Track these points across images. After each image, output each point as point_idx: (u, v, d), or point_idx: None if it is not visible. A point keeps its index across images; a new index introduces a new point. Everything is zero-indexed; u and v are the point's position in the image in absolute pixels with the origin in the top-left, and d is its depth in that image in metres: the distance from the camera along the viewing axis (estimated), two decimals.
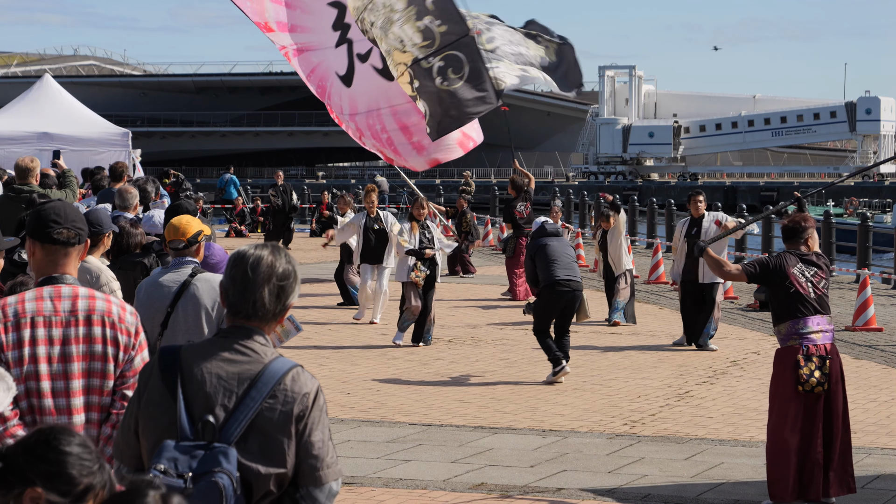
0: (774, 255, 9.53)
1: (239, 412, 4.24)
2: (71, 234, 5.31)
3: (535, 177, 24.26)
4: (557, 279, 14.31)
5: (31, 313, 5.14)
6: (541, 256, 14.44)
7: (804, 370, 9.21)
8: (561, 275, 14.33)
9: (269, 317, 4.39)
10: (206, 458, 4.12)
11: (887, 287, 25.16)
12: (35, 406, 5.10)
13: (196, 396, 4.27)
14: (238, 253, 4.44)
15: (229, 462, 4.12)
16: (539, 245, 14.56)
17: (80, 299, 5.20)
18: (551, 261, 14.37)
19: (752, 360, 15.97)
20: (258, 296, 4.35)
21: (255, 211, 42.56)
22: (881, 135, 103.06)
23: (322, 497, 4.31)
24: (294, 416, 4.26)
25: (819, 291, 9.40)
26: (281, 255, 4.43)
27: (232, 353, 4.33)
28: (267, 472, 4.24)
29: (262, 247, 4.44)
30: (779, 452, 9.23)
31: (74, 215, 5.37)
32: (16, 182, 14.27)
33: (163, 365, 4.35)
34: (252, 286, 4.36)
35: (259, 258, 4.39)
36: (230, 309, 4.39)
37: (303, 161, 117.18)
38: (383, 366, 15.30)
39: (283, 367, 4.31)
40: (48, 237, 5.28)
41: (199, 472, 4.10)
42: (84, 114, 25.29)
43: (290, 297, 4.43)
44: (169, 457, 4.13)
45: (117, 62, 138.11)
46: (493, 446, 11.08)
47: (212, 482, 4.07)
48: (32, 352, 5.11)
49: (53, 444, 3.35)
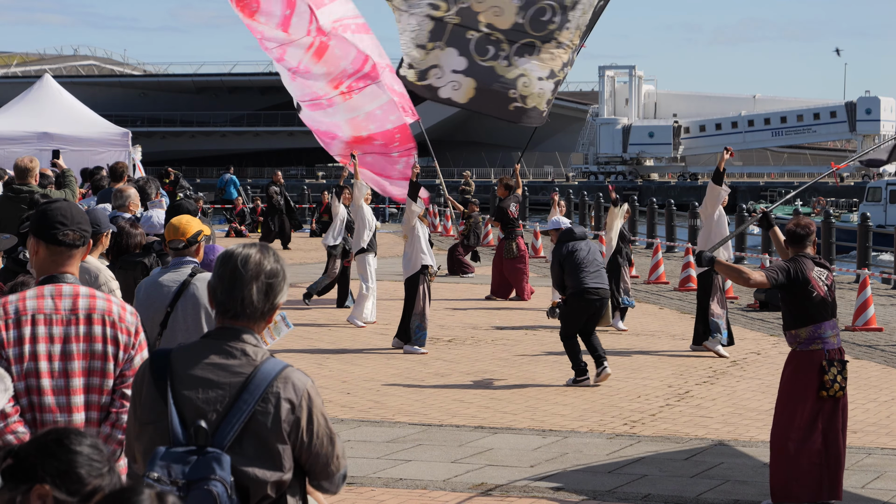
0: (791, 260, 9.43)
1: (231, 416, 4.21)
2: (76, 235, 5.33)
3: (534, 177, 24.33)
4: (587, 287, 14.07)
5: (32, 311, 5.16)
6: (569, 263, 14.14)
7: (828, 375, 9.23)
8: (590, 283, 14.09)
9: (258, 315, 4.37)
10: (199, 464, 4.09)
11: (887, 287, 25.17)
12: (35, 403, 5.12)
13: (188, 401, 4.25)
14: (226, 252, 4.44)
15: (223, 468, 4.10)
16: (568, 251, 14.22)
17: (80, 298, 5.21)
18: (581, 268, 14.09)
19: (752, 360, 15.97)
20: (246, 293, 4.34)
21: (255, 211, 42.57)
22: (881, 135, 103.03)
23: (334, 487, 4.41)
24: (289, 419, 4.24)
25: (832, 294, 9.41)
26: (269, 254, 4.43)
27: (223, 355, 4.31)
28: (263, 476, 4.22)
29: (250, 246, 4.44)
30: (786, 454, 9.20)
31: (80, 217, 5.39)
32: (15, 182, 14.27)
33: (154, 369, 4.33)
34: (240, 284, 4.35)
35: (247, 256, 4.39)
36: (218, 308, 4.37)
37: (303, 161, 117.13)
38: (383, 366, 15.29)
39: (275, 368, 4.29)
40: (53, 238, 5.30)
41: (192, 478, 4.07)
42: (84, 114, 25.27)
43: (279, 295, 4.42)
44: (162, 464, 4.10)
45: (117, 62, 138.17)
46: (493, 446, 11.08)
47: (206, 490, 4.05)
48: (33, 349, 5.12)
49: (65, 443, 3.37)
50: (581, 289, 14.06)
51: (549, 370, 15.08)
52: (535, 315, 20.21)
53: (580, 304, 14.10)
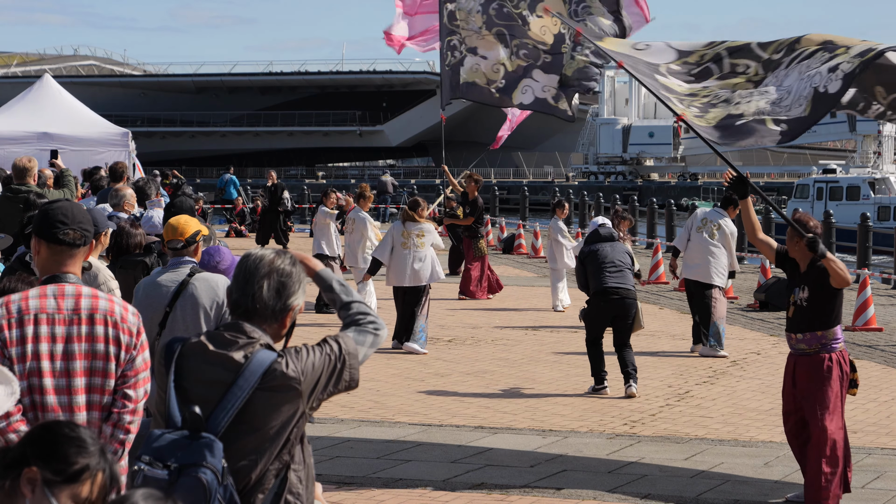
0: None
1: (226, 401, 4.31)
2: (77, 235, 5.34)
3: (534, 177, 24.34)
4: (606, 286, 13.64)
5: (35, 310, 5.18)
6: (591, 262, 13.81)
7: (855, 375, 9.40)
8: (610, 282, 13.65)
9: (269, 313, 4.46)
10: (191, 450, 4.18)
11: (887, 287, 25.16)
12: (37, 403, 5.13)
13: (186, 387, 4.37)
14: (245, 254, 4.60)
15: (214, 455, 4.18)
16: (591, 250, 13.92)
17: (83, 298, 5.23)
18: (601, 267, 13.71)
19: (753, 360, 15.96)
20: (257, 288, 4.46)
21: (255, 211, 42.57)
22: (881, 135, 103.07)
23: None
24: (283, 405, 4.36)
25: None
26: (285, 257, 4.57)
27: (224, 345, 4.41)
28: (257, 458, 4.33)
29: (268, 249, 4.60)
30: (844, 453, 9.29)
31: (82, 216, 5.40)
32: (13, 182, 14.26)
33: (164, 354, 4.49)
34: (252, 280, 4.48)
35: (262, 256, 4.54)
36: (232, 307, 4.51)
37: (303, 161, 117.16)
38: (383, 366, 15.28)
39: (268, 356, 4.39)
40: (54, 237, 5.32)
41: (184, 462, 4.16)
42: (84, 114, 25.26)
43: (292, 297, 4.51)
44: (155, 446, 4.21)
45: (117, 62, 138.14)
46: (493, 446, 11.07)
47: (195, 477, 4.13)
48: (35, 348, 5.14)
49: (51, 427, 3.44)
50: (601, 289, 13.65)
51: (549, 370, 15.08)
52: (536, 315, 20.22)
53: (600, 305, 13.66)
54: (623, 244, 14.52)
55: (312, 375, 4.42)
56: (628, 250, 14.23)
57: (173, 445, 4.18)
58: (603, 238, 14.03)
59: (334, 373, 4.48)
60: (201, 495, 4.10)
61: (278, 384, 4.35)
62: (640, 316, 13.85)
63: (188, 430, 4.22)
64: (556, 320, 19.68)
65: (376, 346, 4.70)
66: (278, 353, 4.41)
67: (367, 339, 4.63)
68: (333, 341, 4.51)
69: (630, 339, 13.78)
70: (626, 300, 13.66)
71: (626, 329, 13.71)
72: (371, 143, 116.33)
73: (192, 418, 4.21)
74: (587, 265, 13.84)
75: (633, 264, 14.09)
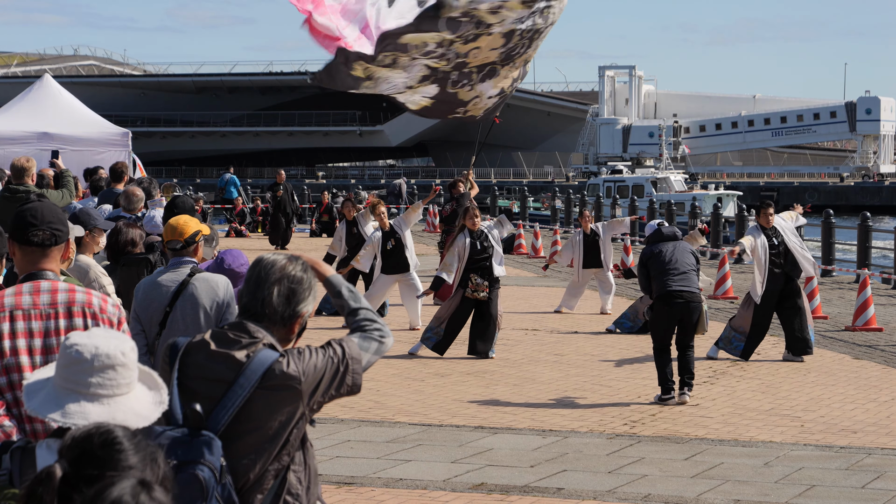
0: None
1: (227, 400, 4.33)
2: (47, 235, 5.36)
3: (534, 177, 24.33)
4: (670, 290, 13.02)
5: (10, 307, 5.21)
6: (654, 264, 13.18)
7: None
8: (674, 285, 13.03)
9: (277, 319, 4.48)
10: (190, 447, 4.19)
11: (887, 287, 25.16)
12: (20, 398, 5.13)
13: (188, 384, 4.38)
14: (257, 258, 4.61)
15: (212, 453, 4.18)
16: (653, 251, 13.27)
17: (59, 293, 5.26)
18: (665, 270, 13.10)
19: (752, 359, 15.95)
20: (267, 293, 4.48)
21: (255, 211, 42.56)
22: (881, 135, 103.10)
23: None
24: (283, 404, 4.37)
25: None
26: (297, 263, 4.58)
27: (227, 344, 4.42)
28: (256, 458, 4.34)
29: (281, 255, 4.61)
30: None
31: (52, 216, 5.41)
32: (12, 182, 14.26)
33: (168, 352, 4.51)
34: (263, 284, 4.50)
35: (274, 261, 4.56)
36: (241, 310, 4.53)
37: (303, 161, 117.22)
38: (383, 366, 15.28)
39: (270, 356, 4.40)
40: (25, 239, 5.37)
41: (182, 459, 4.15)
42: (84, 114, 25.24)
43: (302, 303, 4.52)
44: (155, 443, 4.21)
45: (117, 62, 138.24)
46: (493, 446, 11.07)
47: (192, 474, 4.14)
48: (12, 344, 5.16)
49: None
50: (664, 292, 13.04)
51: (549, 370, 15.07)
52: (536, 315, 20.21)
53: (664, 309, 13.09)
54: (687, 243, 13.80)
55: (314, 376, 4.42)
56: (693, 250, 13.59)
57: (173, 442, 4.18)
58: (665, 237, 13.42)
59: (336, 375, 4.47)
60: (198, 492, 4.11)
61: (279, 383, 4.36)
62: (704, 318, 13.41)
63: (189, 427, 4.23)
64: (556, 320, 19.69)
65: (381, 354, 4.69)
66: (280, 352, 4.41)
67: (371, 345, 4.63)
68: (337, 345, 4.51)
69: (693, 340, 13.30)
70: (691, 304, 13.11)
71: (689, 333, 13.23)
72: (371, 142, 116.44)
73: (193, 416, 4.22)
74: (650, 267, 13.24)
75: (697, 263, 13.45)
